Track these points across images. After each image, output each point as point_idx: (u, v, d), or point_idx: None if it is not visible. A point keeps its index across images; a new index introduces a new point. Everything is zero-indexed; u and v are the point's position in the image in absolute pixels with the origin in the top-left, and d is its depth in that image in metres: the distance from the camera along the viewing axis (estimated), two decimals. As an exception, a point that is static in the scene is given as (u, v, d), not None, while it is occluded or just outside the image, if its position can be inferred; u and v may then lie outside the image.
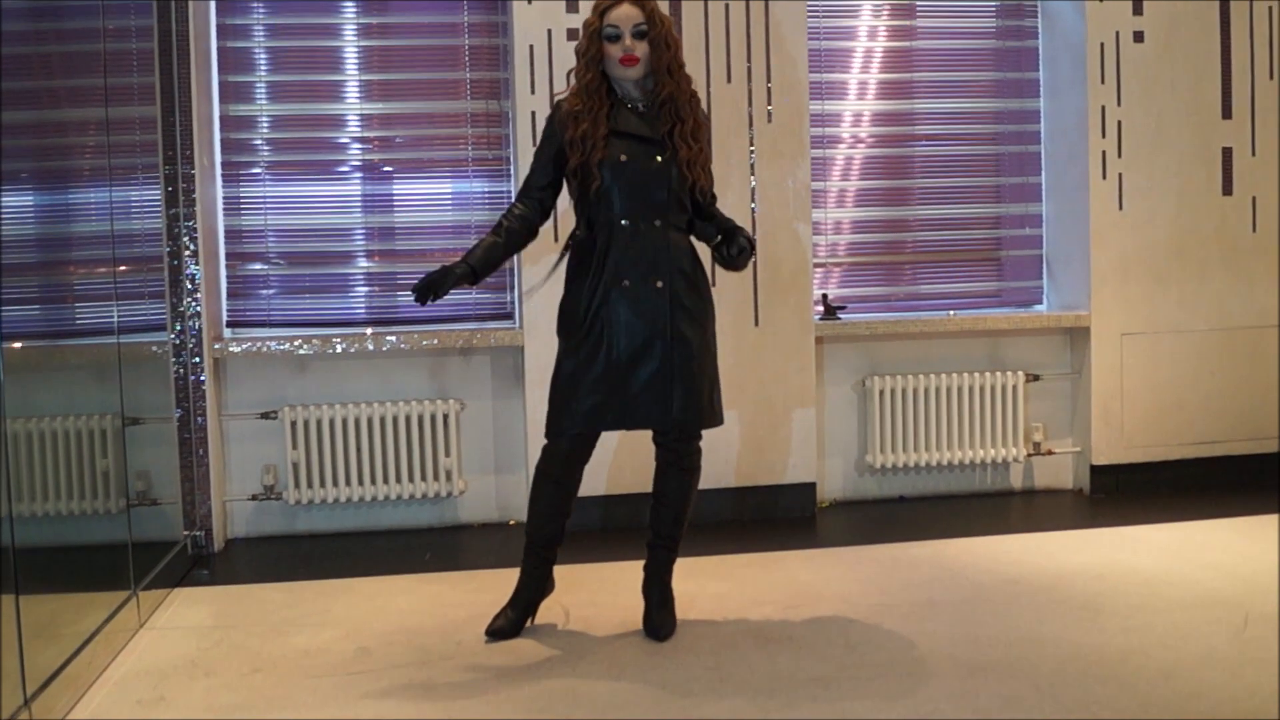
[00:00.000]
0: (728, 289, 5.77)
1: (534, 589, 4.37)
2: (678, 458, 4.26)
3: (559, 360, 4.20)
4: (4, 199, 3.55)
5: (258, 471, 5.86)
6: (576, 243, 4.23)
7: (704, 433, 4.27)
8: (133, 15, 4.88)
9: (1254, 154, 6.36)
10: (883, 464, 6.23)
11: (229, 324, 5.89)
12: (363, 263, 6.04)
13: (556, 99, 4.29)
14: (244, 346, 5.68)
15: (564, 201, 4.31)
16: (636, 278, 4.09)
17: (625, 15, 4.09)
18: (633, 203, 4.11)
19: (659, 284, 4.09)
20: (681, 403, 4.10)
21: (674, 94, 4.14)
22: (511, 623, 4.30)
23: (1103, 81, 6.21)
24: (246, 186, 5.92)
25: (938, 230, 6.52)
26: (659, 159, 4.11)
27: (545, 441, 4.25)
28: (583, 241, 4.20)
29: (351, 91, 6.03)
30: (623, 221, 4.11)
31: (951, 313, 6.38)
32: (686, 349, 4.11)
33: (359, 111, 6.03)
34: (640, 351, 4.08)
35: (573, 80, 4.21)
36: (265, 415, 5.81)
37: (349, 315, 6.03)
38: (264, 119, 5.95)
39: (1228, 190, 6.35)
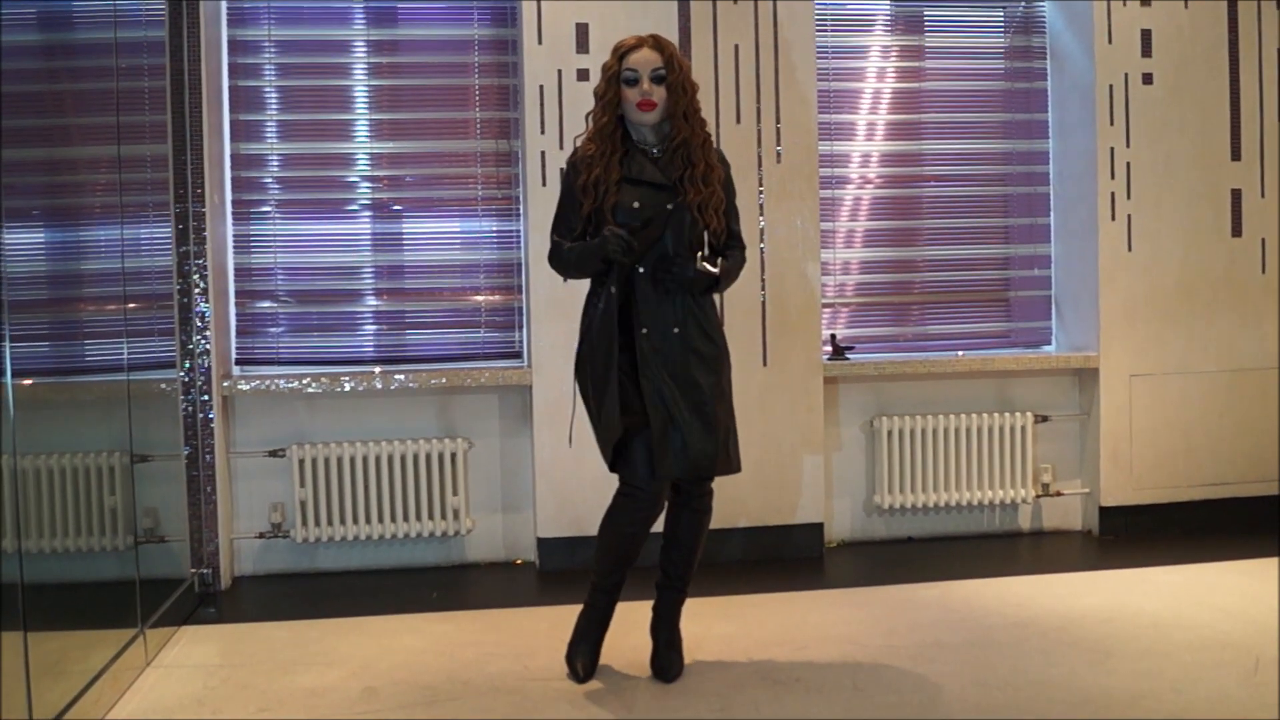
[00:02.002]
0: (737, 329, 5.77)
1: (605, 626, 4.34)
2: (690, 499, 4.25)
3: (587, 408, 4.21)
4: (16, 236, 3.57)
5: (265, 509, 5.86)
6: (591, 288, 4.24)
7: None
8: (145, 54, 4.91)
9: (1263, 195, 6.36)
10: (891, 505, 6.21)
11: (238, 361, 5.90)
12: (371, 301, 6.05)
13: (576, 139, 4.30)
14: (253, 384, 5.69)
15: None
16: (654, 325, 4.09)
17: (644, 59, 4.10)
18: (646, 249, 4.12)
19: (675, 330, 4.09)
20: (698, 448, 4.07)
21: (687, 139, 4.14)
22: (591, 660, 4.28)
23: (1111, 123, 6.23)
24: (256, 224, 5.94)
25: (946, 271, 6.52)
26: (670, 206, 4.11)
27: (618, 487, 4.22)
28: (596, 288, 4.22)
29: (361, 130, 6.06)
30: (638, 269, 4.12)
31: (960, 353, 6.38)
32: (699, 394, 4.09)
33: (369, 150, 6.06)
34: (661, 398, 4.07)
35: (590, 123, 4.23)
36: (273, 453, 5.81)
37: (357, 353, 6.03)
38: (274, 157, 5.97)
39: (1237, 232, 6.36)
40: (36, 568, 3.63)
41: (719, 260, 4.13)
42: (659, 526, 4.27)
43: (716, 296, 4.33)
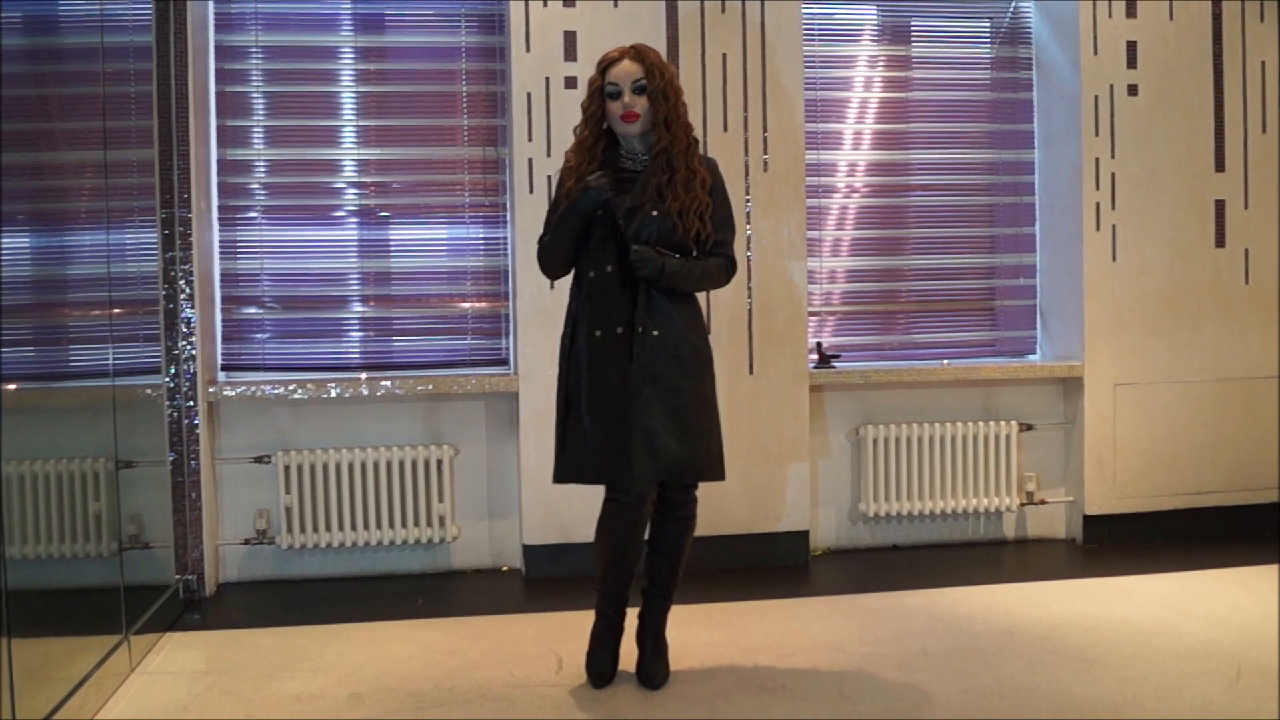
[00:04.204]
0: (723, 337, 5.78)
1: (618, 633, 4.33)
2: (673, 507, 4.26)
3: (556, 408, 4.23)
4: (1, 241, 3.56)
5: (250, 516, 5.84)
6: (571, 295, 4.26)
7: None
8: (132, 59, 4.90)
9: (1246, 206, 6.39)
10: (876, 512, 6.22)
11: (223, 368, 5.89)
12: (358, 307, 6.05)
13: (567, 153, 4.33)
14: (238, 390, 5.68)
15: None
16: (610, 329, 4.11)
17: (625, 72, 4.13)
18: (614, 255, 4.13)
19: (655, 333, 4.09)
20: (674, 453, 4.08)
21: (668, 146, 4.14)
22: (610, 665, 4.27)
23: (1096, 134, 6.25)
24: (243, 230, 5.94)
25: (932, 280, 6.54)
26: (655, 212, 4.11)
27: (605, 494, 4.22)
28: (574, 294, 4.24)
29: (348, 137, 6.05)
30: (590, 274, 4.16)
31: (945, 362, 6.39)
32: (680, 399, 4.09)
33: (356, 157, 6.05)
34: (626, 403, 4.06)
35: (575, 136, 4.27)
36: (259, 459, 5.80)
37: (344, 360, 6.02)
38: (261, 163, 5.97)
39: (1220, 242, 6.39)
40: (20, 573, 3.62)
41: (676, 256, 4.11)
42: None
43: (704, 304, 4.32)
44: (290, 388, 5.70)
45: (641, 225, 4.09)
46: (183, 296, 5.43)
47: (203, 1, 5.70)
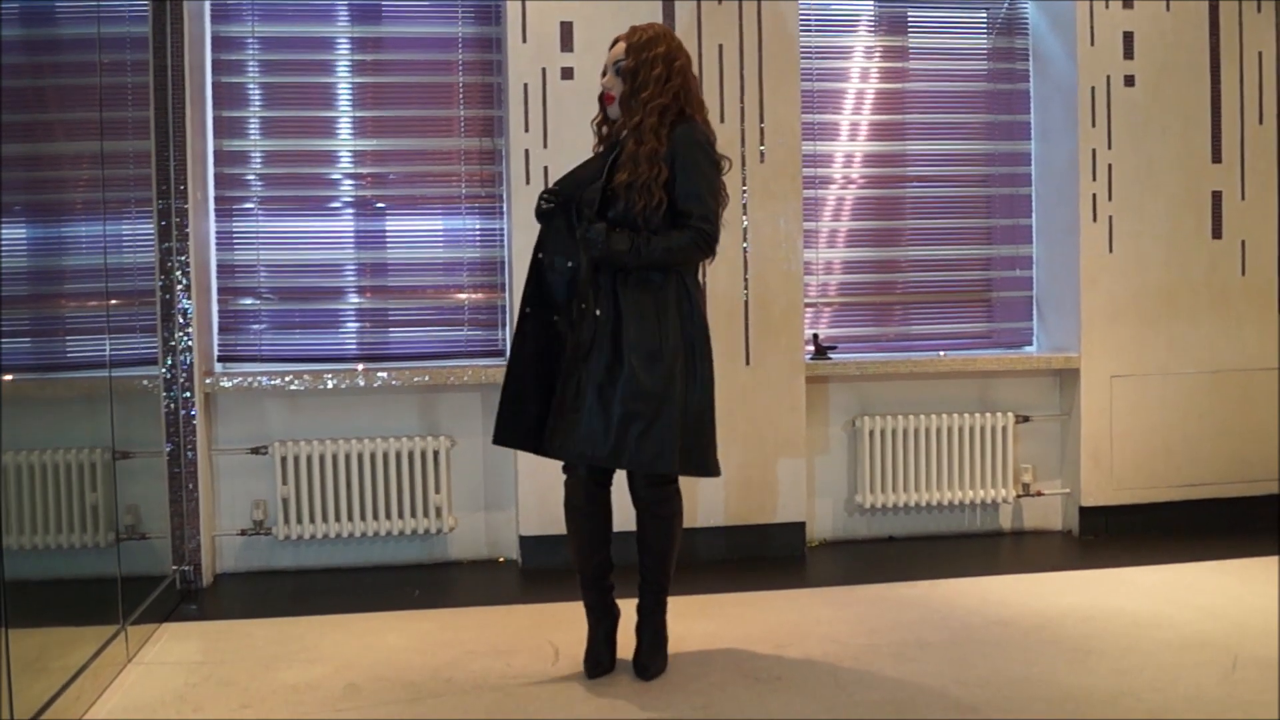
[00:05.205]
0: (719, 328, 5.76)
1: (607, 623, 4.32)
2: (649, 504, 4.20)
3: None
4: (-2, 231, 3.57)
5: (247, 506, 5.84)
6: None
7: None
8: (128, 49, 4.89)
9: (1243, 198, 6.39)
10: (872, 504, 6.22)
11: (220, 359, 5.89)
12: (354, 299, 6.04)
13: None
14: (235, 381, 5.68)
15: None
16: (530, 308, 4.18)
17: (613, 54, 4.18)
18: (538, 240, 4.17)
19: (598, 312, 4.04)
20: (598, 438, 4.02)
21: (627, 122, 4.11)
22: (605, 658, 4.27)
23: (1093, 125, 6.25)
24: (239, 221, 5.93)
25: (928, 271, 6.54)
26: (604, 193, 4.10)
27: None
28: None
29: (345, 127, 6.05)
30: (550, 258, 4.16)
31: (942, 353, 6.39)
32: (618, 384, 4.00)
33: (352, 147, 6.04)
34: (575, 379, 4.07)
35: None
36: (255, 450, 5.80)
37: (340, 351, 6.02)
38: (257, 154, 5.96)
39: (1217, 234, 6.39)
40: (17, 564, 3.62)
41: (618, 231, 4.02)
42: (632, 526, 4.27)
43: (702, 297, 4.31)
44: (287, 379, 5.70)
45: (596, 205, 4.08)
46: (179, 288, 5.43)
47: (199, -8, 5.71)
